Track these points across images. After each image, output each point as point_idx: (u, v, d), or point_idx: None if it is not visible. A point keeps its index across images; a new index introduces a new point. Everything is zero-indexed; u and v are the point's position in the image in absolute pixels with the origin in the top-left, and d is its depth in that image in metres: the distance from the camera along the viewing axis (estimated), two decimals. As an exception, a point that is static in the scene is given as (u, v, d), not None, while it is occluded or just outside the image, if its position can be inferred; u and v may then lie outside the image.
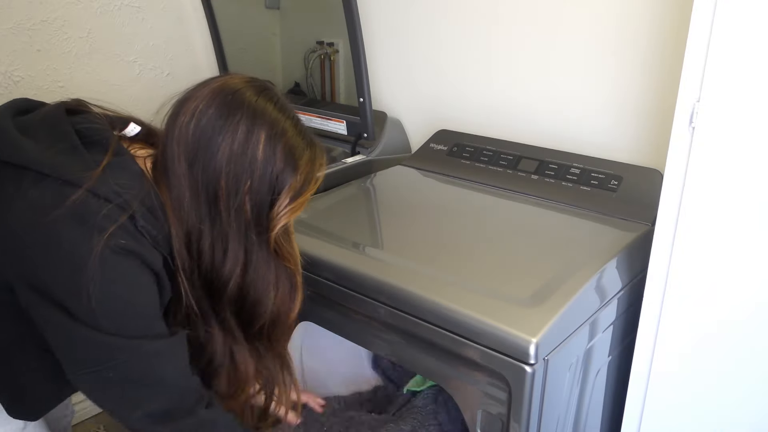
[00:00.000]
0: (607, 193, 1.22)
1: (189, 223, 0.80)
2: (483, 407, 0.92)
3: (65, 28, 1.66)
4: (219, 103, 0.78)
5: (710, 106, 0.82)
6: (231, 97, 0.79)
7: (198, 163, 0.78)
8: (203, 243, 0.81)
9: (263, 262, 0.84)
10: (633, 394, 1.04)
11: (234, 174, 0.78)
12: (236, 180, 0.78)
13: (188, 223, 0.80)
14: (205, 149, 0.78)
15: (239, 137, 0.78)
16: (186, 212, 0.79)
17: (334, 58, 1.73)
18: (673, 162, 0.88)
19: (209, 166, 0.78)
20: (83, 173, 0.72)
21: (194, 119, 0.78)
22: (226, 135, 0.77)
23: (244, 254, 0.82)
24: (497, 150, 1.41)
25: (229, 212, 0.80)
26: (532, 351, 0.82)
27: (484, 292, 0.93)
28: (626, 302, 1.06)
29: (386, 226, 1.24)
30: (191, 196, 0.79)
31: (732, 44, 0.78)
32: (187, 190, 0.79)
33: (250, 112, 0.79)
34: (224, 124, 0.77)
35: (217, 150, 0.77)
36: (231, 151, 0.77)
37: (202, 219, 0.80)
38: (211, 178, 0.79)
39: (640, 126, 1.27)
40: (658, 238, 0.93)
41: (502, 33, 1.43)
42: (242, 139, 0.78)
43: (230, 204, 0.79)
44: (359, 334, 1.08)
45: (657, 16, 1.18)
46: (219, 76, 0.84)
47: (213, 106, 0.78)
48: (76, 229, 0.71)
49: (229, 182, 0.79)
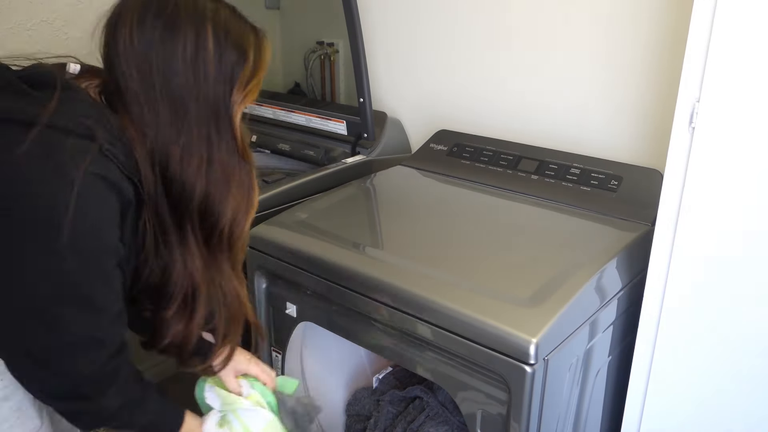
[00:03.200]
0: (607, 193, 1.22)
1: (151, 138, 0.78)
2: (483, 407, 0.92)
3: (65, 28, 1.66)
4: (156, 10, 0.77)
5: (710, 106, 0.82)
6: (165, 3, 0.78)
7: (152, 76, 0.77)
8: (169, 154, 0.79)
9: (226, 158, 0.83)
10: (633, 394, 1.04)
11: (191, 78, 0.77)
12: (195, 83, 0.78)
13: (151, 138, 0.78)
14: (156, 60, 0.76)
15: (189, 41, 0.77)
16: (148, 127, 0.78)
17: (334, 58, 1.73)
18: (673, 162, 0.88)
19: (164, 76, 0.77)
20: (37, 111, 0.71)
21: (136, 33, 0.77)
22: (175, 42, 0.76)
23: (207, 154, 0.81)
24: (497, 150, 1.41)
25: (190, 116, 0.79)
26: (532, 351, 0.82)
27: (484, 292, 0.93)
28: (626, 302, 1.06)
29: (386, 226, 1.24)
30: (149, 110, 0.78)
31: (732, 44, 0.78)
32: (144, 105, 0.77)
33: (190, 11, 0.78)
34: (169, 31, 0.76)
35: (170, 58, 0.76)
36: (183, 57, 0.77)
37: (165, 130, 0.78)
38: (169, 87, 0.77)
39: (640, 126, 1.27)
40: (658, 238, 0.93)
41: (502, 33, 1.43)
42: (192, 42, 0.77)
43: (190, 107, 0.79)
44: (359, 334, 1.08)
45: (657, 17, 1.18)
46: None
47: (149, 14, 0.77)
48: (44, 166, 0.69)
49: (188, 87, 0.78)
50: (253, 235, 1.18)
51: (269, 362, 1.28)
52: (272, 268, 1.17)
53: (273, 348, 1.26)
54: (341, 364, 1.43)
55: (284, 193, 1.35)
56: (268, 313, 1.24)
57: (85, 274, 0.73)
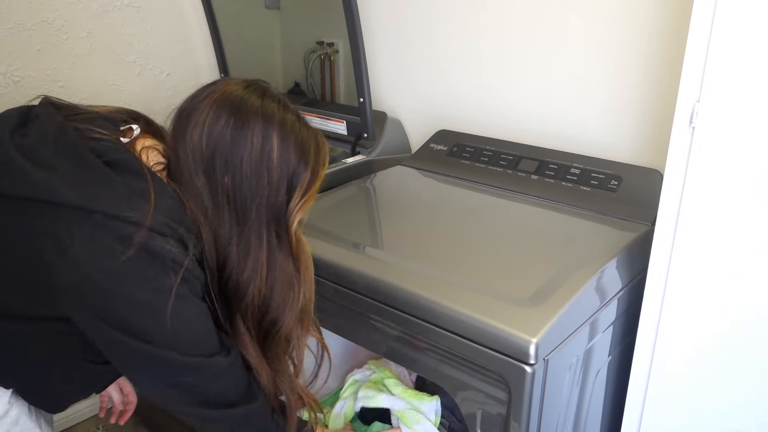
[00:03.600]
0: (607, 193, 1.22)
1: (214, 233, 0.82)
2: (483, 407, 0.92)
3: (65, 28, 1.66)
4: (227, 113, 0.80)
5: (710, 106, 0.82)
6: (237, 105, 0.80)
7: (216, 175, 0.80)
8: (229, 250, 0.82)
9: (284, 261, 0.86)
10: (633, 394, 1.04)
11: (253, 181, 0.80)
12: (256, 186, 0.80)
13: (213, 233, 0.82)
14: (221, 161, 0.79)
15: (254, 145, 0.79)
16: (211, 222, 0.81)
17: (334, 58, 1.73)
18: (673, 162, 0.88)
19: (228, 177, 0.80)
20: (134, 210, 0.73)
21: (205, 132, 0.79)
22: (241, 145, 0.79)
23: (266, 256, 0.84)
24: (497, 150, 1.41)
25: (250, 217, 0.82)
26: (532, 351, 0.82)
27: (484, 292, 0.93)
28: (626, 302, 1.06)
29: (386, 226, 1.24)
30: (213, 207, 0.81)
31: (732, 44, 0.78)
32: (209, 201, 0.80)
33: (259, 117, 0.80)
34: (237, 134, 0.79)
35: (234, 161, 0.79)
36: (249, 160, 0.79)
37: (226, 227, 0.82)
38: (231, 188, 0.80)
39: (640, 126, 1.27)
40: (658, 238, 0.93)
41: (502, 33, 1.43)
42: (257, 147, 0.80)
43: (250, 209, 0.81)
44: (359, 334, 1.08)
45: (657, 16, 1.18)
46: (215, 82, 0.86)
47: (222, 116, 0.80)
48: (149, 269, 0.73)
49: (250, 189, 0.80)
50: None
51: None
52: (272, 268, 1.17)
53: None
54: (341, 364, 1.43)
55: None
56: (268, 313, 1.24)
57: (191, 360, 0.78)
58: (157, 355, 0.75)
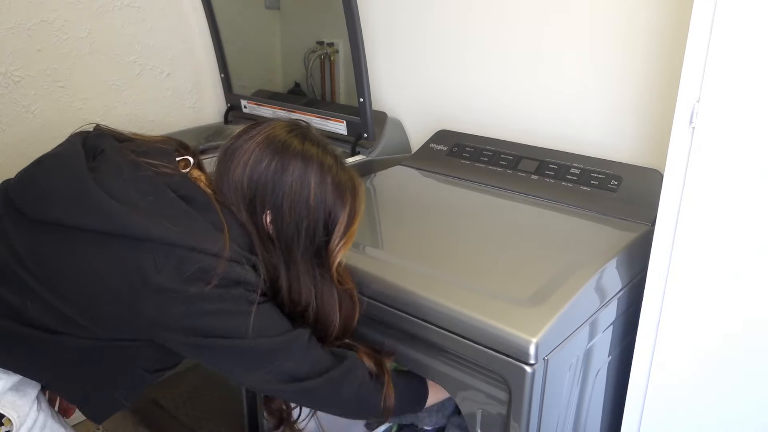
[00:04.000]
0: (607, 193, 1.22)
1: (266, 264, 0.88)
2: (483, 407, 0.92)
3: (65, 28, 1.66)
4: (270, 155, 0.85)
5: (710, 106, 0.82)
6: (279, 147, 0.86)
7: (257, 214, 0.86)
8: (280, 281, 0.90)
9: (328, 291, 0.93)
10: (633, 394, 1.04)
11: (293, 221, 0.86)
12: (295, 226, 0.86)
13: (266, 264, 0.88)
14: (261, 201, 0.86)
15: (293, 187, 0.85)
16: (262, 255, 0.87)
17: (334, 58, 1.73)
18: (673, 162, 0.88)
19: (268, 217, 0.86)
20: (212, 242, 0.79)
21: (247, 172, 0.85)
22: (280, 186, 0.85)
23: (314, 288, 0.91)
24: (497, 150, 1.41)
25: (295, 257, 0.88)
26: (532, 351, 0.82)
27: (484, 292, 0.93)
28: (626, 302, 1.06)
29: (386, 226, 1.24)
30: (260, 243, 0.87)
31: (732, 44, 0.78)
32: (256, 237, 0.87)
33: (299, 160, 0.86)
34: (277, 175, 0.85)
35: (275, 201, 0.85)
36: (287, 201, 0.85)
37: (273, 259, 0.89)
38: (272, 228, 0.87)
39: (640, 126, 1.27)
40: (658, 238, 0.93)
41: (502, 33, 1.43)
42: (296, 188, 0.85)
43: (294, 249, 0.88)
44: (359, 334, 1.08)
45: (657, 17, 1.18)
46: (260, 123, 0.91)
47: (264, 158, 0.85)
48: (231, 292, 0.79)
49: (290, 229, 0.87)
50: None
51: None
52: (272, 268, 1.17)
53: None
54: (341, 364, 1.43)
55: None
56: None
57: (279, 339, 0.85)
58: (249, 346, 0.81)
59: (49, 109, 1.67)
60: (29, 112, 1.64)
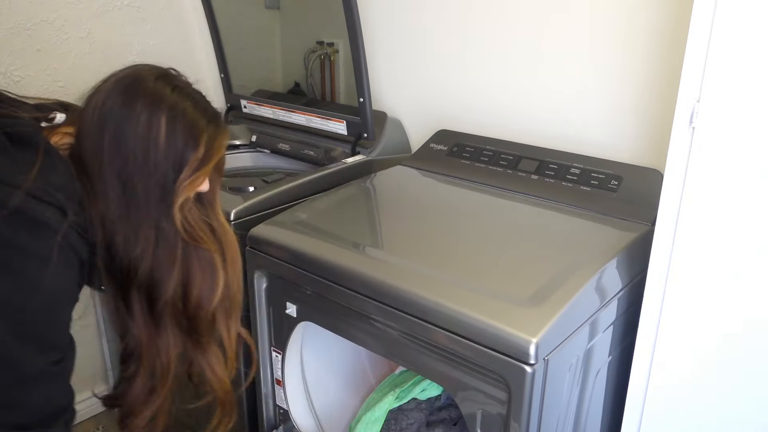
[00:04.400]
0: (607, 193, 1.22)
1: (104, 209, 0.82)
2: (483, 407, 0.92)
3: (65, 28, 1.66)
4: (119, 92, 0.83)
5: (710, 106, 0.82)
6: (130, 85, 0.83)
7: (105, 152, 0.82)
8: (117, 228, 0.83)
9: (171, 241, 0.86)
10: (633, 394, 1.04)
11: (140, 159, 0.82)
12: (143, 164, 0.82)
13: (103, 210, 0.82)
14: (110, 138, 0.81)
15: (141, 123, 0.81)
16: (101, 199, 0.82)
17: (334, 58, 1.73)
18: (673, 162, 0.88)
19: (116, 154, 0.82)
20: (18, 175, 0.73)
21: (98, 110, 0.82)
22: (129, 123, 0.81)
23: (155, 236, 0.85)
24: (497, 150, 1.41)
25: (138, 196, 0.83)
26: (532, 351, 0.82)
27: (484, 292, 0.93)
28: (626, 302, 1.06)
29: (386, 226, 1.24)
30: (102, 184, 0.82)
31: (732, 44, 0.78)
32: (98, 178, 0.82)
33: (149, 98, 0.83)
34: (126, 112, 0.82)
35: (122, 137, 0.81)
36: (134, 137, 0.81)
37: (113, 206, 0.83)
38: (119, 165, 0.82)
39: (640, 126, 1.27)
40: (658, 238, 0.93)
41: (502, 33, 1.43)
42: (144, 125, 0.81)
43: (137, 187, 0.83)
44: (359, 334, 1.08)
45: (657, 16, 1.18)
46: (126, 67, 0.88)
47: (113, 95, 0.83)
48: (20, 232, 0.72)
49: (136, 167, 0.82)
50: (252, 235, 1.18)
51: (269, 362, 1.28)
52: (272, 268, 1.17)
53: (273, 348, 1.26)
54: (341, 364, 1.43)
55: (284, 193, 1.35)
56: (268, 313, 1.24)
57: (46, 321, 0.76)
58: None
59: (49, 109, 1.67)
60: (29, 112, 1.64)
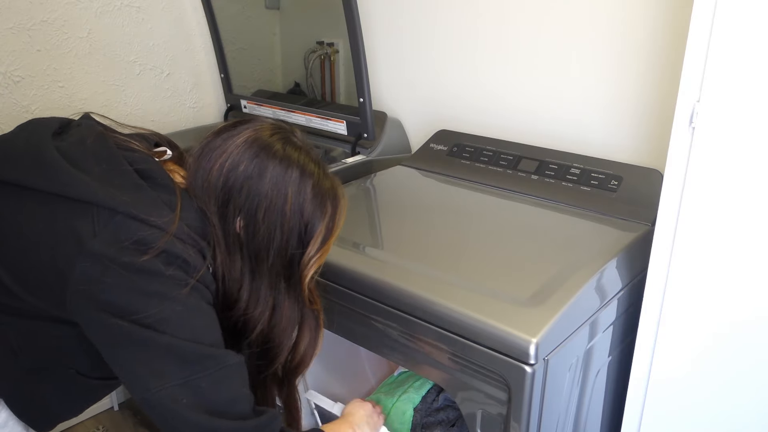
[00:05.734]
0: (607, 193, 1.22)
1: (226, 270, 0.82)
2: (483, 407, 0.92)
3: (65, 28, 1.66)
4: (249, 157, 0.80)
5: (710, 106, 0.82)
6: (260, 150, 0.80)
7: (228, 219, 0.80)
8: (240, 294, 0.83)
9: (290, 308, 0.87)
10: (633, 395, 1.04)
11: (265, 231, 0.80)
12: (268, 236, 0.81)
13: (225, 269, 0.82)
14: (235, 206, 0.80)
15: (270, 192, 0.79)
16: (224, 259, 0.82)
17: (334, 58, 1.73)
18: (673, 162, 0.88)
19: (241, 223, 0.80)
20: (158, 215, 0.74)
21: (223, 174, 0.80)
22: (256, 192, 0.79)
23: (273, 300, 0.85)
24: (497, 150, 1.41)
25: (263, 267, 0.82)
26: (532, 351, 0.82)
27: (484, 292, 0.92)
28: (626, 302, 1.06)
29: (386, 226, 1.24)
30: (225, 248, 0.81)
31: (732, 45, 0.78)
32: (221, 241, 0.81)
33: (278, 164, 0.80)
34: (254, 180, 0.79)
35: (249, 207, 0.80)
36: (263, 208, 0.80)
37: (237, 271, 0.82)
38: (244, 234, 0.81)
39: (640, 126, 1.27)
40: (658, 238, 0.93)
41: (502, 33, 1.43)
42: (273, 194, 0.80)
43: (263, 259, 0.82)
44: (359, 334, 1.08)
45: (657, 16, 1.18)
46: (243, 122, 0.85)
47: (243, 161, 0.80)
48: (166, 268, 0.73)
49: (262, 238, 0.81)
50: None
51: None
52: (272, 268, 1.17)
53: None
54: (341, 364, 1.43)
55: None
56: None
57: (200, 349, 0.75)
58: (166, 344, 0.72)
59: (49, 109, 1.66)
60: (29, 112, 1.64)
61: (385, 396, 1.37)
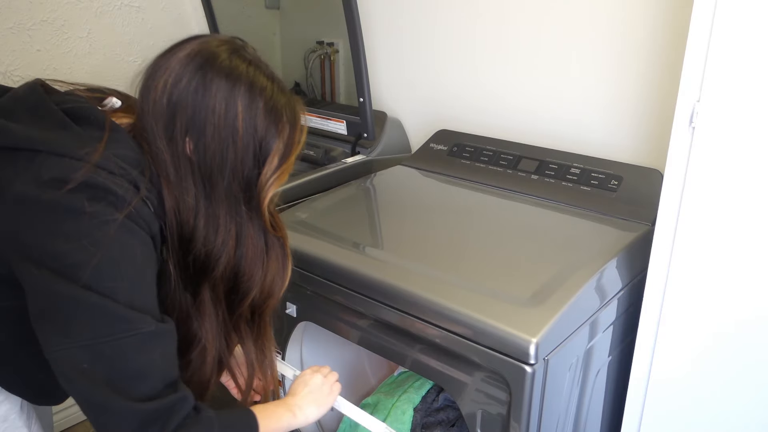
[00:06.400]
0: (607, 193, 1.22)
1: (178, 198, 0.76)
2: (483, 407, 0.92)
3: (65, 28, 1.66)
4: (191, 71, 0.73)
5: (710, 106, 0.82)
6: (204, 62, 0.74)
7: (176, 140, 0.74)
8: (196, 222, 0.77)
9: (255, 235, 0.81)
10: (633, 394, 1.04)
11: (217, 148, 0.74)
12: (221, 155, 0.74)
13: (177, 202, 0.76)
14: (182, 124, 0.73)
15: (217, 109, 0.73)
16: (174, 190, 0.76)
17: (334, 58, 1.73)
18: (673, 162, 0.88)
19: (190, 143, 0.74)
20: (81, 148, 0.69)
21: (167, 91, 0.73)
22: (203, 107, 0.73)
23: (236, 228, 0.79)
24: (497, 150, 1.41)
25: (217, 189, 0.76)
26: (532, 351, 0.82)
27: (484, 292, 0.93)
28: (626, 302, 1.06)
29: (386, 226, 1.24)
30: (176, 175, 0.75)
31: (732, 45, 0.78)
32: (171, 166, 0.75)
33: (224, 77, 0.74)
34: (199, 95, 0.73)
35: (196, 124, 0.73)
36: (211, 124, 0.73)
37: (191, 197, 0.76)
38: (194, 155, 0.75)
39: (640, 126, 1.27)
40: (658, 238, 0.93)
41: (503, 33, 1.43)
42: (221, 111, 0.73)
43: (217, 181, 0.76)
44: (359, 334, 1.08)
45: (657, 16, 1.18)
46: (192, 38, 0.78)
47: (185, 76, 0.73)
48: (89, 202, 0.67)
49: (214, 158, 0.74)
50: (253, 235, 1.18)
51: (269, 362, 1.28)
52: (272, 268, 1.17)
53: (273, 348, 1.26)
54: (341, 364, 1.43)
55: (284, 193, 1.35)
56: (268, 313, 1.24)
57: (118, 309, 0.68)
58: (74, 296, 0.65)
59: (49, 109, 1.67)
60: (29, 112, 1.64)
61: (385, 396, 1.37)
